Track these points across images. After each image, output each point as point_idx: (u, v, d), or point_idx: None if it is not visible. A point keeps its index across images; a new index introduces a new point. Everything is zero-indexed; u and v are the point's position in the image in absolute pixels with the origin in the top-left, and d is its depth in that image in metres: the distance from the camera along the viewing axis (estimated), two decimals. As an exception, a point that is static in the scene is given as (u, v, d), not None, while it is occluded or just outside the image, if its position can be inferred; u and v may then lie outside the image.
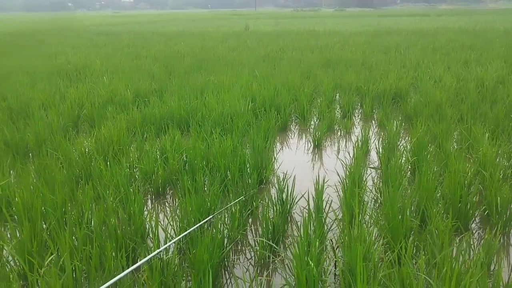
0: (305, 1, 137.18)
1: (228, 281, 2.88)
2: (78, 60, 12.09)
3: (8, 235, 3.25)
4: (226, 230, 3.24)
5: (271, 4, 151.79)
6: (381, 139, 5.46)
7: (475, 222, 3.55)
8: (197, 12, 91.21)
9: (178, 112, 6.12)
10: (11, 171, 4.43)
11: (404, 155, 4.65)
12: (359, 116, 6.85)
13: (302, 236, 2.84)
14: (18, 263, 2.80)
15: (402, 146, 5.08)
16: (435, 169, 4.15)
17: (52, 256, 2.66)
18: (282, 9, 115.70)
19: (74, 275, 2.56)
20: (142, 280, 2.67)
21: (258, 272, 2.97)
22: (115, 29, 29.54)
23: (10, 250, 2.87)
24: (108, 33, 25.05)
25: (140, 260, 2.73)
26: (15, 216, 3.47)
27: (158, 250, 2.45)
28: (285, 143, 5.76)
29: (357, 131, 6.04)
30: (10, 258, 2.92)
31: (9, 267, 2.78)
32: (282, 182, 3.78)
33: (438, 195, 3.70)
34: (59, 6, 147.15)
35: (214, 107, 6.15)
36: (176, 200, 3.96)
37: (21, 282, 2.72)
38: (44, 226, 3.20)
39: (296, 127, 6.39)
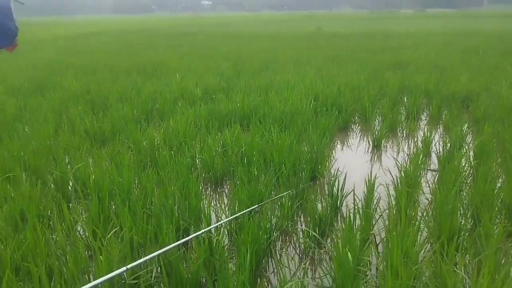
0: (383, 2, 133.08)
1: (275, 269, 3.02)
2: (156, 59, 12.86)
3: (82, 211, 3.67)
4: (275, 218, 3.40)
5: (348, 5, 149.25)
6: (444, 141, 5.31)
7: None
8: (273, 14, 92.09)
9: (242, 109, 6.37)
10: (89, 156, 4.90)
11: (465, 158, 4.52)
12: (425, 118, 6.68)
13: (344, 228, 2.92)
14: (87, 234, 3.16)
15: (465, 149, 4.92)
16: (496, 173, 4.00)
17: (115, 229, 2.99)
18: (359, 10, 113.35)
19: (131, 246, 2.85)
20: (193, 259, 2.90)
21: (303, 260, 3.10)
22: (193, 30, 30.80)
23: (81, 222, 3.25)
24: (186, 33, 26.21)
25: (191, 240, 2.97)
26: (89, 196, 3.89)
27: (206, 229, 2.66)
28: (344, 142, 5.79)
29: (420, 133, 5.91)
30: (81, 231, 3.31)
31: (79, 237, 3.16)
32: (333, 178, 3.88)
33: (496, 200, 3.58)
34: (144, 9, 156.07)
35: (276, 105, 6.32)
36: (231, 189, 4.19)
37: (88, 252, 3.08)
38: (112, 203, 3.56)
39: (357, 127, 6.38)
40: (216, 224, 2.92)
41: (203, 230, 2.68)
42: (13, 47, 2.29)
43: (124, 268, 2.02)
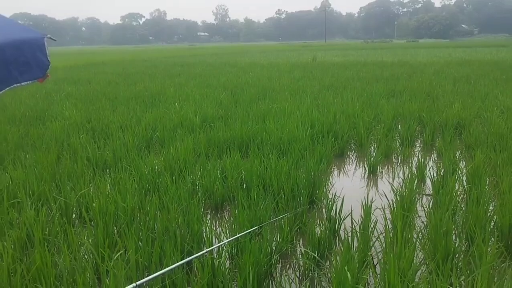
0: (376, 33, 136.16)
1: (274, 288, 3.10)
2: (154, 88, 13.07)
3: (87, 236, 3.75)
4: (275, 242, 3.49)
5: (342, 36, 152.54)
6: (438, 167, 5.46)
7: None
8: (268, 44, 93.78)
9: (240, 136, 6.52)
10: (91, 183, 5.00)
11: (458, 183, 4.65)
12: (419, 145, 6.85)
13: (342, 250, 3.02)
14: (92, 257, 3.24)
15: (458, 174, 5.06)
16: (488, 197, 4.13)
17: (120, 252, 3.07)
18: (353, 40, 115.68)
19: (137, 268, 2.93)
20: (196, 281, 2.97)
21: (303, 282, 3.18)
22: (190, 60, 31.29)
23: (87, 245, 3.33)
24: (183, 64, 26.61)
25: (193, 262, 3.05)
26: (92, 221, 3.98)
27: (208, 249, 2.76)
28: (340, 168, 5.93)
29: (414, 159, 6.07)
30: (87, 254, 3.38)
31: (85, 260, 3.23)
32: (330, 202, 4.00)
33: (489, 222, 3.70)
34: (141, 39, 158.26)
35: (274, 132, 6.48)
36: (232, 214, 4.28)
37: (95, 274, 3.14)
38: (115, 228, 3.65)
39: (353, 153, 6.53)
40: (219, 244, 3.02)
41: (206, 250, 2.77)
42: (44, 78, 2.48)
43: (133, 285, 2.11)
